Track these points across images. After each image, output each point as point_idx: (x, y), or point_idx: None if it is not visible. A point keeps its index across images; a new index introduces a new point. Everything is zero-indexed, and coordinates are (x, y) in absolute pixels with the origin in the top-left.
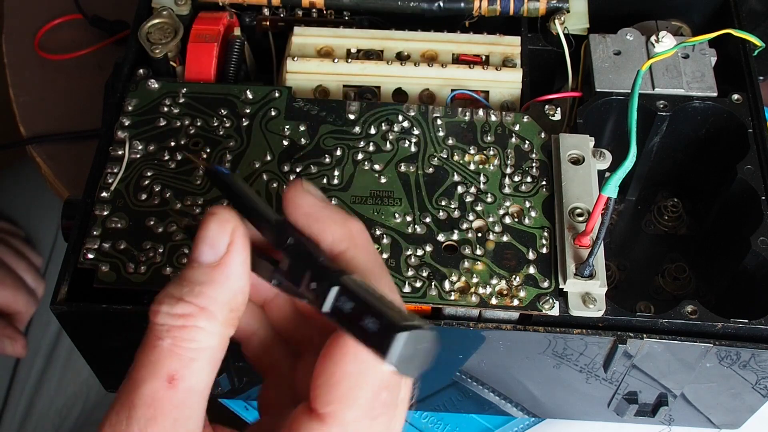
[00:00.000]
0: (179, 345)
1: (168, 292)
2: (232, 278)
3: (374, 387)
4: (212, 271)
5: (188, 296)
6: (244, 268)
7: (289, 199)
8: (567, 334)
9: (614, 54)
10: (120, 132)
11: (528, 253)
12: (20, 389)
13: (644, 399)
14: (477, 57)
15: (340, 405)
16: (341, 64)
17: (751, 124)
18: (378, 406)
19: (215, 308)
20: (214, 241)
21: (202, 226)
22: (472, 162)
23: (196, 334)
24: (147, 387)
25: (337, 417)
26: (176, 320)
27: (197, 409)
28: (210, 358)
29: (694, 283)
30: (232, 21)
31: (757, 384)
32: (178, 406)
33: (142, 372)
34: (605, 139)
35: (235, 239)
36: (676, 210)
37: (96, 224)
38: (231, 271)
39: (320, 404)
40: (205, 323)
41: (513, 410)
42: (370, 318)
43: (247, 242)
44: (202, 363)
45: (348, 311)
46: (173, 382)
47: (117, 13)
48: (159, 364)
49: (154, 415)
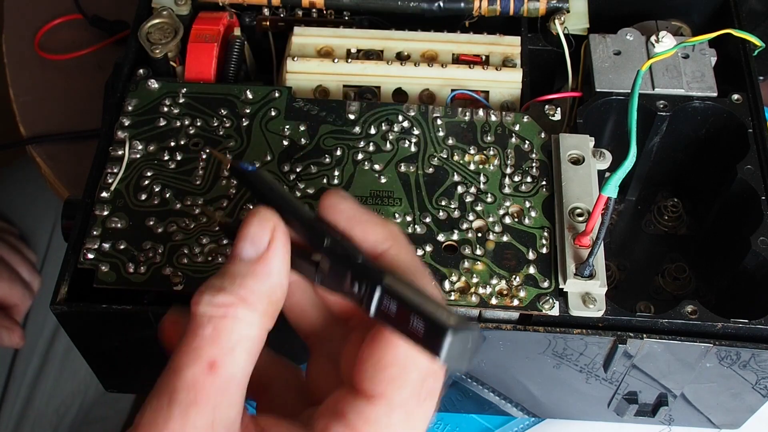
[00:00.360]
0: (220, 333)
1: (210, 284)
2: (272, 273)
3: (422, 373)
4: (253, 266)
5: (229, 287)
6: (283, 264)
7: (329, 204)
8: (567, 334)
9: (614, 54)
10: (120, 132)
11: (528, 253)
12: (17, 388)
13: (644, 399)
14: (477, 57)
15: (390, 387)
16: (341, 64)
17: (751, 124)
18: (424, 391)
19: (255, 300)
20: (255, 238)
21: (245, 223)
22: (472, 162)
23: (236, 324)
24: (188, 372)
25: (386, 398)
26: (217, 310)
27: (237, 396)
28: (249, 347)
29: (694, 283)
30: (232, 21)
31: (757, 384)
32: (219, 392)
33: (184, 358)
34: (605, 139)
35: (275, 236)
36: (676, 210)
37: (96, 224)
38: (271, 266)
39: (369, 385)
40: (246, 313)
41: (513, 410)
42: (417, 318)
43: (287, 240)
44: (241, 352)
45: (394, 313)
46: (214, 368)
47: (117, 13)
48: (200, 351)
49: (195, 399)
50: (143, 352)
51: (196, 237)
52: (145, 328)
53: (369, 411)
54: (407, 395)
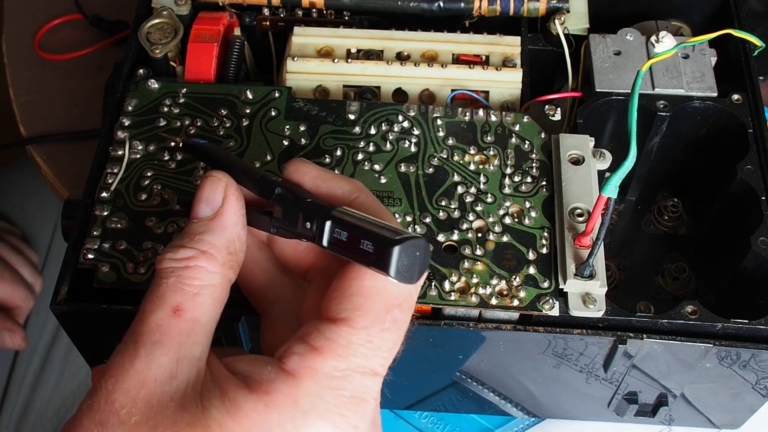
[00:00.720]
0: (183, 281)
1: (170, 244)
2: (228, 225)
3: (387, 302)
4: (210, 222)
5: (189, 243)
6: (238, 217)
7: (293, 169)
8: (567, 334)
9: (614, 54)
10: (120, 132)
11: (528, 253)
12: (17, 389)
13: (644, 399)
14: (477, 57)
15: (353, 312)
16: (341, 64)
17: (751, 124)
18: (388, 320)
19: (215, 251)
20: (209, 198)
21: (199, 188)
22: (472, 162)
23: (198, 272)
24: (153, 317)
25: (349, 321)
26: (179, 263)
27: (202, 339)
28: (213, 294)
29: (694, 283)
30: (232, 21)
31: (757, 384)
32: (183, 334)
33: (149, 306)
34: (605, 139)
35: (228, 193)
36: (676, 210)
37: (96, 224)
38: (227, 220)
39: (334, 311)
40: (206, 263)
41: (513, 410)
42: (365, 241)
43: (239, 195)
44: (205, 298)
45: (345, 240)
46: (178, 312)
47: (117, 13)
48: (164, 298)
49: (159, 339)
50: None
51: None
52: None
53: (330, 331)
54: (370, 321)
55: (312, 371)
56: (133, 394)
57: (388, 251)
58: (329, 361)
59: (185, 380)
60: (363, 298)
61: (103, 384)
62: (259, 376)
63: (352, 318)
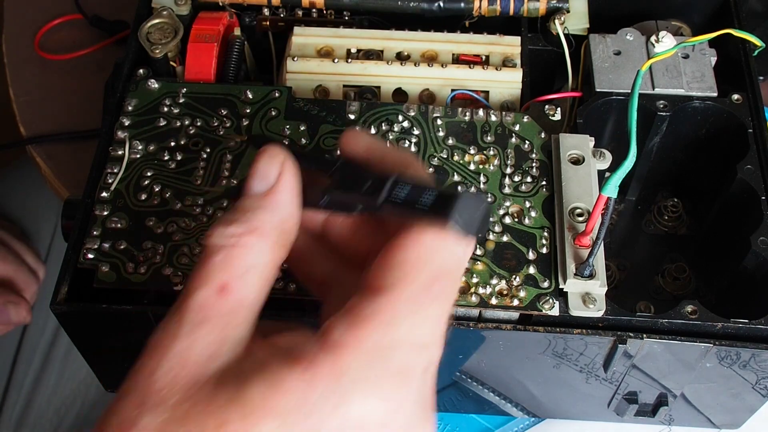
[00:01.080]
0: (231, 260)
1: (221, 218)
2: (282, 203)
3: (431, 273)
4: (263, 198)
5: (240, 219)
6: (294, 195)
7: (348, 138)
8: (567, 334)
9: (614, 54)
10: (120, 132)
11: (528, 253)
12: (18, 388)
13: (644, 399)
14: (477, 57)
15: (398, 282)
16: (341, 64)
17: (751, 124)
18: (432, 292)
19: (266, 229)
20: (264, 173)
21: (255, 161)
22: (472, 162)
23: (247, 251)
24: (198, 294)
25: (393, 291)
26: (228, 240)
27: (247, 320)
28: (261, 274)
29: (694, 283)
30: (232, 21)
31: (757, 384)
32: (228, 314)
33: (195, 283)
34: (605, 139)
35: (284, 169)
36: (676, 210)
37: (96, 224)
38: (281, 197)
39: (377, 280)
40: (256, 241)
41: (513, 410)
42: (426, 194)
43: (296, 173)
44: (253, 277)
45: (404, 197)
46: (224, 291)
47: (117, 13)
48: (211, 275)
49: (203, 319)
50: None
51: (196, 237)
52: (145, 328)
53: (374, 302)
54: (415, 291)
55: (355, 344)
56: (173, 374)
57: (450, 200)
58: (372, 333)
59: (227, 360)
60: (409, 266)
61: (143, 363)
62: (302, 350)
63: (397, 287)
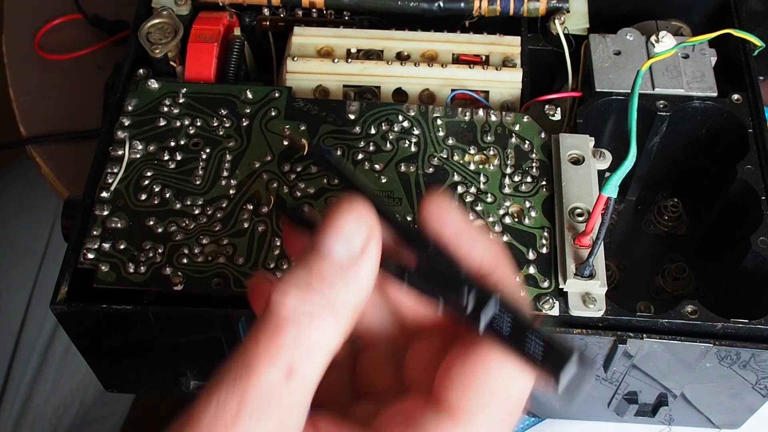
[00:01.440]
0: (304, 340)
1: (296, 279)
2: (362, 280)
3: (509, 406)
4: (346, 271)
5: (319, 290)
6: (374, 272)
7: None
8: (567, 334)
9: (614, 54)
10: (120, 132)
11: (528, 253)
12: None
13: (644, 399)
14: (477, 57)
15: (478, 409)
16: (341, 64)
17: (751, 124)
18: (506, 424)
19: (343, 308)
20: (350, 237)
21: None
22: (472, 162)
23: (322, 332)
24: (265, 377)
25: (471, 419)
26: (303, 314)
27: (305, 403)
28: (326, 355)
29: (694, 283)
30: (232, 21)
31: (757, 384)
32: (291, 400)
33: (262, 358)
34: (605, 139)
35: (371, 240)
36: (676, 210)
37: (96, 224)
38: (363, 275)
39: (456, 402)
40: (332, 322)
41: None
42: (534, 340)
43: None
44: (320, 359)
45: (507, 331)
46: (291, 375)
47: (117, 13)
48: (280, 356)
49: (267, 404)
50: (143, 352)
51: (196, 237)
52: (145, 328)
53: (449, 427)
54: (491, 422)
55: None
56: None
57: (563, 363)
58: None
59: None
60: (491, 395)
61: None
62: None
63: (475, 416)
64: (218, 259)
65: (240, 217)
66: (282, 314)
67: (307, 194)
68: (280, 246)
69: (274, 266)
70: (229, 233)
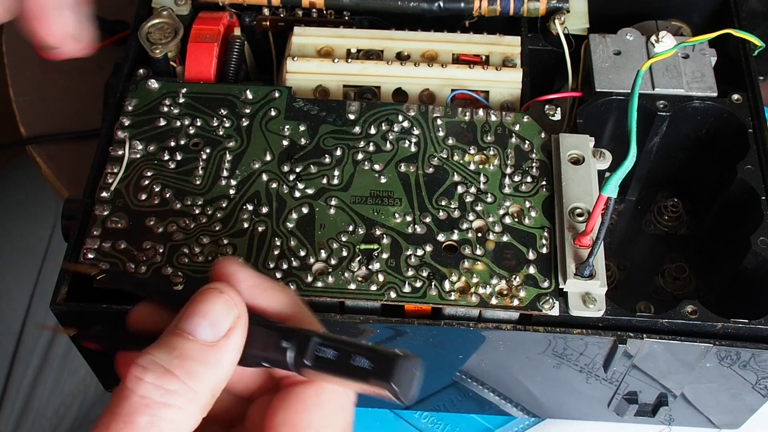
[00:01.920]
0: (158, 424)
1: (155, 359)
2: (224, 364)
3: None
4: (209, 352)
5: (178, 371)
6: (237, 357)
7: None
8: (567, 334)
9: (614, 54)
10: (120, 132)
11: (528, 253)
12: (16, 388)
13: (644, 399)
14: (477, 57)
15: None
16: (341, 64)
17: (751, 124)
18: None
19: (201, 390)
20: (216, 321)
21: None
22: (472, 162)
23: (177, 415)
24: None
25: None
26: (160, 396)
27: None
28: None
29: (694, 283)
30: (232, 21)
31: (757, 384)
32: None
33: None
34: (605, 139)
35: (237, 324)
36: (676, 210)
37: (96, 224)
38: (228, 357)
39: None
40: (189, 405)
41: (513, 410)
42: (359, 357)
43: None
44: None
45: (333, 357)
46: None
47: (117, 13)
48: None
49: None
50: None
51: (196, 237)
52: None
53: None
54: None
55: None
56: None
57: (391, 363)
58: None
59: None
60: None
61: None
62: None
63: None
64: (218, 259)
65: (240, 217)
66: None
67: (307, 194)
68: (280, 246)
69: (274, 266)
70: (229, 233)
